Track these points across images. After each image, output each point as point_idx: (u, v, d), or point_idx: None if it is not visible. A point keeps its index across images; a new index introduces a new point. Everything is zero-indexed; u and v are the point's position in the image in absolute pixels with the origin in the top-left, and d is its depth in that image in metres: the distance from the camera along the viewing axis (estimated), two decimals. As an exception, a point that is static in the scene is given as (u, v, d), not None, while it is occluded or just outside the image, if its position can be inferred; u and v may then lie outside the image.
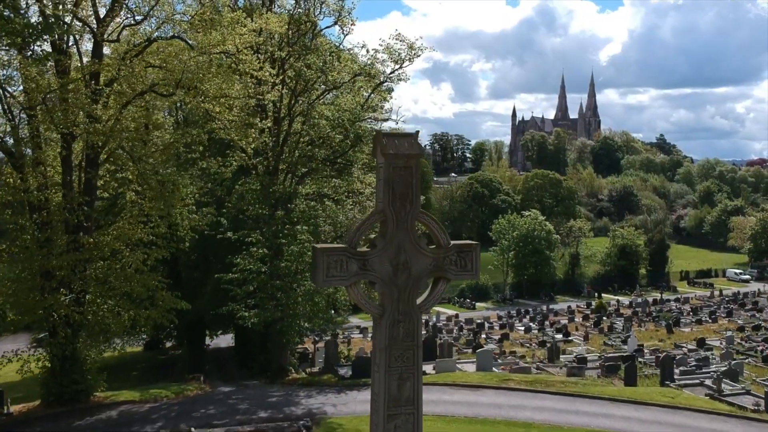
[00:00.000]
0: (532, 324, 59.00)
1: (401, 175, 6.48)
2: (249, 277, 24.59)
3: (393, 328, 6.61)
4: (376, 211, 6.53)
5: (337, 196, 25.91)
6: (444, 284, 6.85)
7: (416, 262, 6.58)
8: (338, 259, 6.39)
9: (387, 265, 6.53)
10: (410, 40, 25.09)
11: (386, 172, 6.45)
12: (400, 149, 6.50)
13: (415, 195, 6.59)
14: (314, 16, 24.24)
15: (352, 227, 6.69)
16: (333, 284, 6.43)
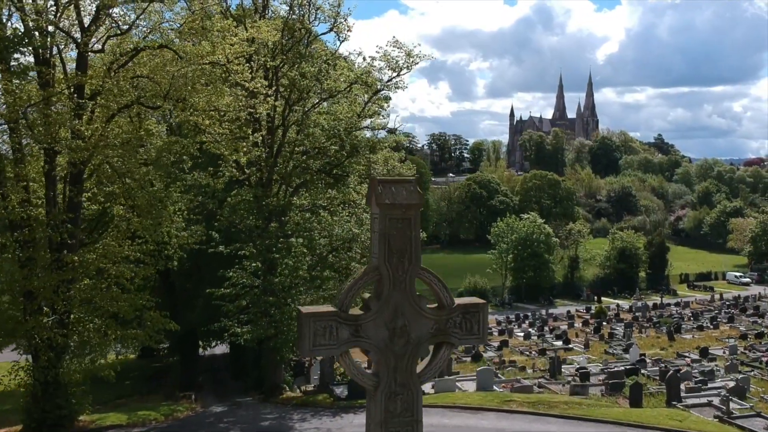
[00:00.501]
0: (532, 330, 58.32)
1: (399, 227, 5.71)
2: (241, 291, 23.84)
3: (389, 401, 5.83)
4: (370, 268, 5.76)
5: (333, 207, 25.11)
6: (447, 350, 6.07)
7: (416, 325, 5.81)
8: (327, 325, 5.61)
9: (383, 330, 5.76)
10: (408, 47, 24.35)
11: (382, 224, 5.68)
12: (397, 198, 5.72)
13: (415, 249, 5.82)
14: (309, 23, 23.45)
15: (343, 287, 5.89)
16: (321, 354, 5.67)
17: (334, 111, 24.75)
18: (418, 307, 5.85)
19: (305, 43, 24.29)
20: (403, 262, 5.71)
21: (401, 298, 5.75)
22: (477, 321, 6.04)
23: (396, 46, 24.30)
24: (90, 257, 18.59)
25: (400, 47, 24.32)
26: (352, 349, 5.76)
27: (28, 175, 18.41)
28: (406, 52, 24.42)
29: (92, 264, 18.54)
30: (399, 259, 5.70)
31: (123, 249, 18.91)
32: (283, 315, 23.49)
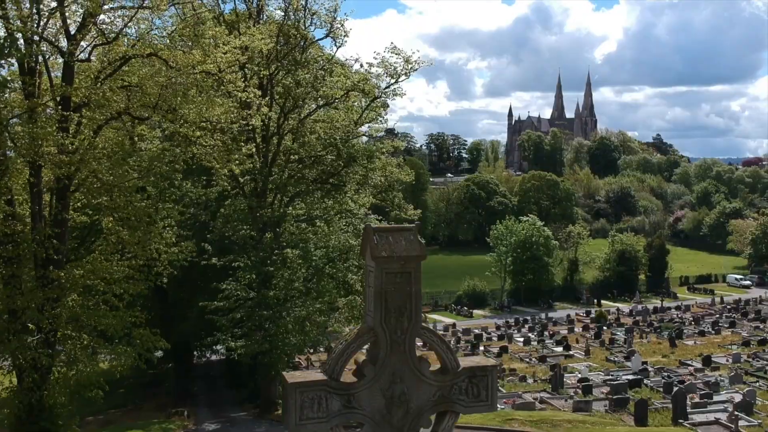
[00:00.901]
0: (531, 335, 57.69)
1: (397, 282, 5.07)
2: (235, 305, 23.20)
3: (387, 480, 5.18)
4: (365, 329, 5.12)
5: (329, 217, 24.45)
6: (452, 419, 5.42)
7: (416, 393, 5.17)
8: (315, 395, 4.96)
9: (379, 399, 5.11)
10: (406, 53, 23.69)
11: (378, 279, 5.04)
12: (395, 250, 5.08)
13: (416, 307, 5.17)
14: (304, 29, 22.76)
15: (334, 352, 5.22)
16: (309, 428, 5.01)
17: (330, 118, 24.07)
18: (419, 372, 5.21)
19: (301, 48, 23.60)
20: (401, 321, 5.08)
21: (400, 362, 5.11)
22: (485, 386, 5.40)
23: (394, 52, 23.65)
24: (77, 273, 17.90)
25: (398, 53, 23.67)
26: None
27: (13, 189, 17.72)
28: (405, 58, 23.77)
29: (79, 281, 17.85)
30: (397, 318, 5.06)
31: (111, 264, 18.21)
32: (278, 329, 22.87)
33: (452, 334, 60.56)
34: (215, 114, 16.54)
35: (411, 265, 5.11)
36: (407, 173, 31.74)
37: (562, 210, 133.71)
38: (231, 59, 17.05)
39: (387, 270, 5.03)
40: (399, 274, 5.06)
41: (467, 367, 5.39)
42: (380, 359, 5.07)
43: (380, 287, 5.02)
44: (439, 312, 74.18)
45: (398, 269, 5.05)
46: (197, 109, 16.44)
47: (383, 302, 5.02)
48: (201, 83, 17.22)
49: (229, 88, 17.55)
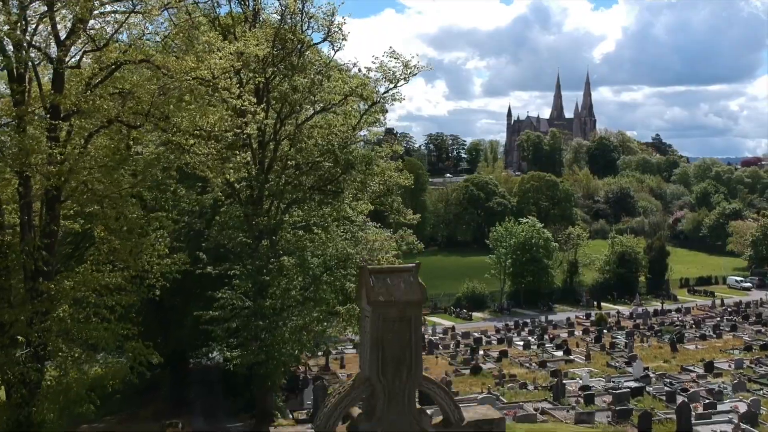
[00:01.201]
0: (531, 338, 57.27)
1: (396, 330, 4.63)
2: (230, 315, 22.75)
3: None
4: (360, 380, 4.68)
5: (327, 224, 23.99)
6: (455, 477, 4.98)
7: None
8: (307, 456, 4.54)
9: (376, 458, 4.68)
10: (405, 57, 23.22)
11: (375, 326, 4.59)
12: (394, 293, 4.64)
13: (416, 356, 4.74)
14: (301, 33, 22.28)
15: (326, 405, 4.76)
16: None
17: (328, 124, 23.61)
18: (420, 427, 4.76)
19: (298, 52, 23.13)
20: (400, 372, 4.63)
21: (398, 416, 4.66)
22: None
23: (393, 56, 23.21)
24: (67, 285, 17.43)
25: (397, 57, 23.22)
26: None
27: (1, 199, 17.28)
28: (404, 62, 23.32)
29: (69, 293, 17.39)
30: (396, 369, 4.62)
31: (103, 276, 17.75)
32: (275, 339, 22.41)
33: (451, 337, 60.12)
34: (209, 122, 16.07)
35: (411, 311, 4.67)
36: (406, 177, 31.29)
37: (561, 211, 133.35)
38: (225, 65, 16.57)
39: (385, 316, 4.59)
40: (398, 320, 4.62)
41: (472, 420, 4.94)
42: (377, 413, 4.63)
43: (377, 334, 4.58)
44: (438, 314, 73.74)
45: (397, 315, 4.61)
46: (190, 116, 15.97)
47: (380, 351, 4.58)
48: (194, 90, 16.74)
49: (224, 95, 17.08)
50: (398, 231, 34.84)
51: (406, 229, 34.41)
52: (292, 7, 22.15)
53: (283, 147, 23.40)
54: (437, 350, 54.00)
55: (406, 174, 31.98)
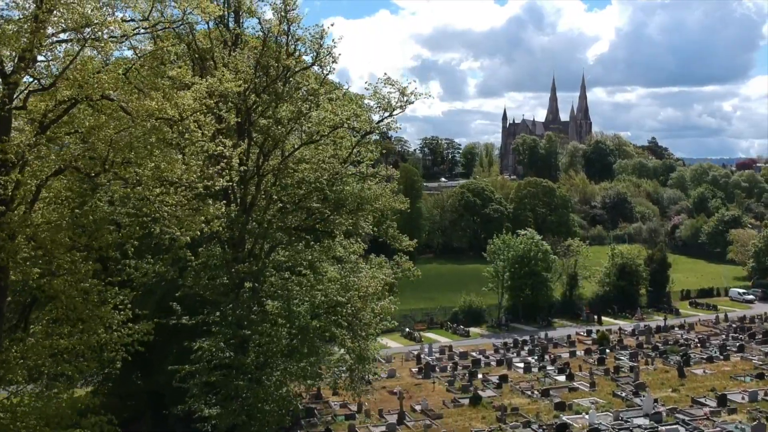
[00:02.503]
0: (532, 359, 55.20)
1: None
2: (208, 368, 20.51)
3: None
4: None
5: (316, 266, 21.75)
6: None
7: None
8: None
9: None
10: (401, 84, 21.04)
11: None
12: None
13: None
14: (286, 58, 20.04)
15: None
16: None
17: (315, 159, 21.38)
18: None
19: (283, 78, 20.90)
20: None
21: None
22: None
23: (389, 83, 21.01)
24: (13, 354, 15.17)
25: (392, 84, 21.03)
26: None
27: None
28: (400, 90, 21.14)
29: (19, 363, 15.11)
30: None
31: (57, 340, 15.48)
32: (257, 396, 20.19)
33: (449, 357, 57.96)
34: (175, 172, 13.82)
35: None
36: (402, 201, 29.29)
37: (558, 217, 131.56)
38: (195, 107, 14.31)
39: None
40: None
41: None
42: None
43: None
44: (435, 330, 71.61)
45: None
46: (155, 164, 13.72)
47: None
48: (160, 132, 14.49)
49: (195, 137, 14.84)
50: (394, 257, 33.01)
51: (401, 255, 32.53)
52: (276, 30, 19.95)
53: (267, 182, 21.16)
54: (434, 374, 51.85)
55: (401, 198, 29.95)
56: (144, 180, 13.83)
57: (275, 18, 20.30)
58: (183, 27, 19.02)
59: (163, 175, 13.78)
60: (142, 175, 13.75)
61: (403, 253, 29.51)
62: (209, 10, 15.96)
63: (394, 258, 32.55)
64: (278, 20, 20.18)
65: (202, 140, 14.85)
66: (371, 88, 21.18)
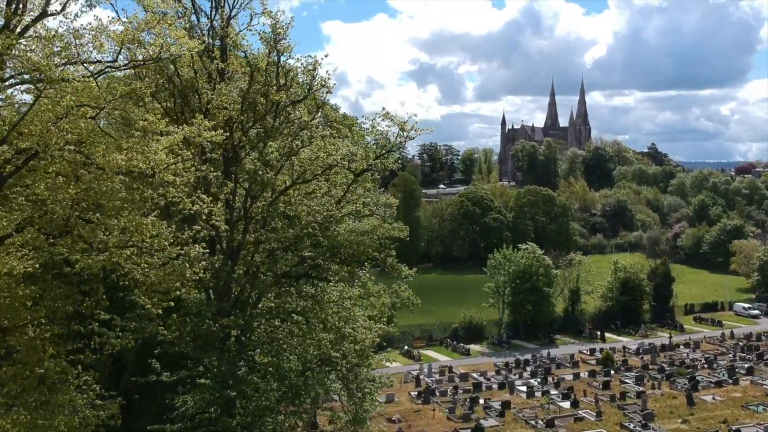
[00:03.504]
0: (534, 382, 53.52)
1: None
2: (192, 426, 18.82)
3: None
4: None
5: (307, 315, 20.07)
6: None
7: None
8: None
9: None
10: (401, 118, 19.39)
11: None
12: None
13: None
14: (275, 93, 18.38)
15: None
16: None
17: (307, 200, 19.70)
18: None
19: (273, 114, 19.23)
20: None
21: None
22: None
23: (387, 117, 19.37)
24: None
25: (391, 119, 19.39)
26: None
27: None
28: (399, 124, 19.50)
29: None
30: None
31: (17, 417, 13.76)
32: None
33: (449, 380, 56.24)
34: (143, 237, 12.17)
35: None
36: (401, 229, 27.73)
37: (558, 226, 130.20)
38: (169, 161, 12.65)
39: None
40: None
41: None
42: None
43: None
44: (434, 347, 69.88)
45: None
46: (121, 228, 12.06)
47: None
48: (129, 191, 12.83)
49: (170, 194, 13.17)
50: (393, 286, 31.61)
51: (400, 284, 31.04)
52: (263, 63, 18.30)
53: (255, 226, 19.49)
54: (434, 398, 50.14)
55: (400, 225, 28.39)
56: (110, 246, 12.17)
57: (264, 48, 18.67)
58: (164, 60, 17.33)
59: (132, 239, 12.13)
60: (108, 241, 12.09)
61: (401, 262, 28.11)
62: (189, 45, 14.35)
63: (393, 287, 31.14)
64: (268, 50, 18.53)
65: (178, 195, 13.20)
66: (369, 122, 19.61)
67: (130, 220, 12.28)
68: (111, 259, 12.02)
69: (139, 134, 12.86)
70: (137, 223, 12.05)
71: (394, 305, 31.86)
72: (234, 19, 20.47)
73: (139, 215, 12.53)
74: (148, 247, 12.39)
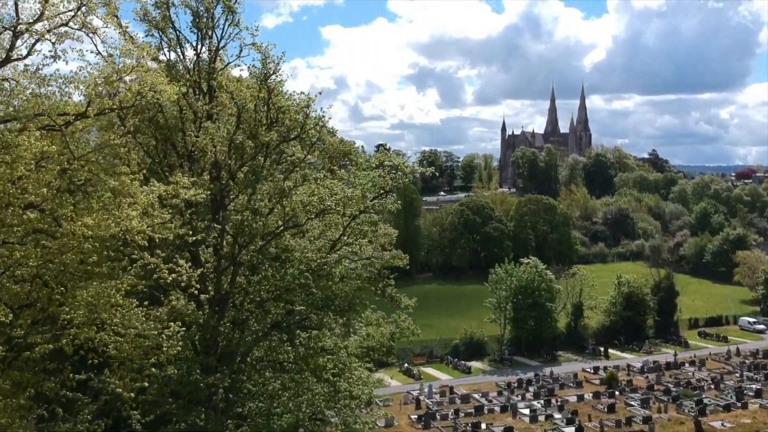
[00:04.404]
0: (537, 404, 52.29)
1: None
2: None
3: None
4: None
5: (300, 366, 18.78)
6: None
7: None
8: None
9: None
10: (399, 158, 18.17)
11: None
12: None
13: None
14: (264, 134, 17.14)
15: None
16: None
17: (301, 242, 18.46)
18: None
19: (263, 154, 17.97)
20: None
21: None
22: None
23: (386, 157, 18.13)
24: None
25: (391, 159, 18.18)
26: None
27: None
28: (398, 165, 18.25)
29: None
30: None
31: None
32: None
33: (450, 401, 54.92)
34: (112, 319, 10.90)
35: None
36: (401, 258, 26.57)
37: (559, 236, 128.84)
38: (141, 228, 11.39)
39: None
40: None
41: None
42: None
43: None
44: (434, 364, 68.57)
45: None
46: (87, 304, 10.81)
47: None
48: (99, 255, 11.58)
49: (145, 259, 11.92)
50: (392, 315, 30.51)
51: (400, 313, 29.92)
52: (251, 103, 17.08)
53: (244, 274, 18.23)
54: (434, 422, 48.83)
55: (400, 254, 27.22)
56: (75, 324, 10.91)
57: (255, 84, 17.45)
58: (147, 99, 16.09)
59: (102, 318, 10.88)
60: (74, 317, 10.84)
61: (400, 273, 26.97)
62: (168, 92, 13.12)
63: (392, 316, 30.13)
64: (258, 86, 17.32)
65: (152, 261, 11.95)
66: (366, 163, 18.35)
67: (99, 294, 11.03)
68: (75, 341, 10.78)
69: (109, 196, 11.62)
70: (105, 299, 10.79)
71: (393, 336, 30.63)
72: (223, 50, 19.28)
73: (112, 286, 11.30)
74: (119, 324, 11.14)
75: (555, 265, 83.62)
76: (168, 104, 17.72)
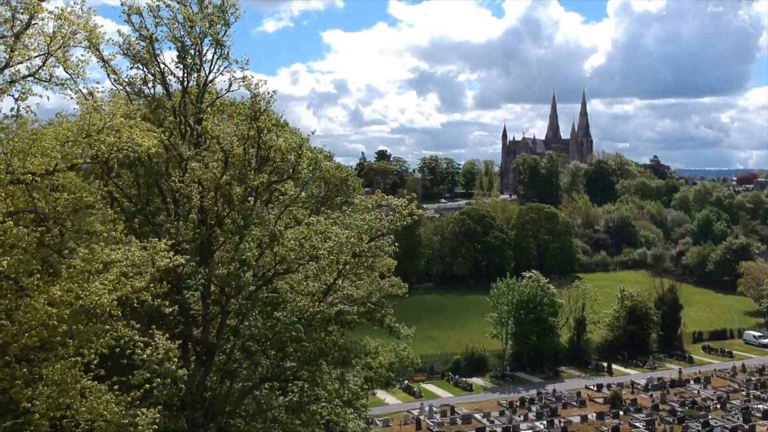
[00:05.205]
0: (540, 425, 51.22)
1: None
2: None
3: None
4: None
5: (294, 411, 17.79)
6: None
7: None
8: None
9: None
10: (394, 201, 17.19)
11: None
12: None
13: None
14: (252, 177, 16.18)
15: None
16: None
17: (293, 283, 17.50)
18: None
19: (253, 195, 17.01)
20: None
21: None
22: None
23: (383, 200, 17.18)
24: None
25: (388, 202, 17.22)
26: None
27: None
28: (398, 208, 17.30)
29: None
30: None
31: None
32: None
33: (450, 422, 53.90)
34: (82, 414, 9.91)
35: None
36: (400, 286, 25.68)
37: (561, 244, 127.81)
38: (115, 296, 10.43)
39: None
40: None
41: None
42: None
43: None
44: (435, 381, 67.46)
45: None
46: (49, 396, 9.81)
47: None
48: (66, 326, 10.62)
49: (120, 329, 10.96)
50: (392, 344, 29.76)
51: (399, 343, 29.09)
52: (239, 148, 16.13)
53: (231, 325, 17.26)
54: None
55: (399, 282, 26.29)
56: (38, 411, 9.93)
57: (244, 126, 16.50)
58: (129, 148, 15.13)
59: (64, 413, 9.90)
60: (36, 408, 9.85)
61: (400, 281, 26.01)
62: (146, 146, 12.16)
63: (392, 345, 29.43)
64: (247, 128, 16.37)
65: (128, 333, 11.01)
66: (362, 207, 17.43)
67: (65, 374, 10.06)
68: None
69: (81, 265, 10.66)
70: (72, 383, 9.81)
71: (392, 365, 29.78)
72: (212, 83, 18.33)
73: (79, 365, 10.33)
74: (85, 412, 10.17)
75: (557, 277, 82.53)
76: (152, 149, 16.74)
